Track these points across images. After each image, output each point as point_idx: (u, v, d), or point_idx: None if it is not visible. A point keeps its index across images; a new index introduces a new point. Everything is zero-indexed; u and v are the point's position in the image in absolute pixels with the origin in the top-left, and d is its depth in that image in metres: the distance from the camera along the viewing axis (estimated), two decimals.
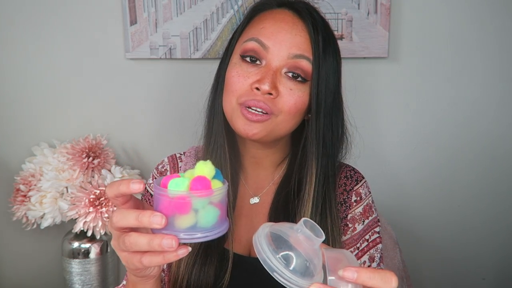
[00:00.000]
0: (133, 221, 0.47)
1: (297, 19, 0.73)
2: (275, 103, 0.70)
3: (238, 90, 0.71)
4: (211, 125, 0.80)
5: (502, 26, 1.26)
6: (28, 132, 1.28)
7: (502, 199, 1.35)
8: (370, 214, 0.81)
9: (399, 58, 1.27)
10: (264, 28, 0.72)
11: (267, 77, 0.69)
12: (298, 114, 0.73)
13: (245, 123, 0.71)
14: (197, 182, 0.47)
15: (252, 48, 0.71)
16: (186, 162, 0.86)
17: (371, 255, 0.79)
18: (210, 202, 0.48)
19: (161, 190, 0.47)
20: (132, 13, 1.22)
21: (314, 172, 0.74)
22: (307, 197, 0.74)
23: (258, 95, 0.69)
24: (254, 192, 0.83)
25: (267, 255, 0.47)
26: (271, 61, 0.71)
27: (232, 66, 0.74)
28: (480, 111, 1.31)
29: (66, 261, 1.18)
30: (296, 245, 0.47)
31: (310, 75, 0.72)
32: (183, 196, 0.47)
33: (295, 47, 0.70)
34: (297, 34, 0.71)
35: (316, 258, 0.48)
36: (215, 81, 0.81)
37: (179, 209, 0.47)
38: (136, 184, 0.47)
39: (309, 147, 0.75)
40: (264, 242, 0.47)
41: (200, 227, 0.48)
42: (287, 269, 0.46)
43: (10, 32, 1.24)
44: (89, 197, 1.10)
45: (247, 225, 0.80)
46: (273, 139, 0.75)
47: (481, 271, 1.39)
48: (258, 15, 0.76)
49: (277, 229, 0.49)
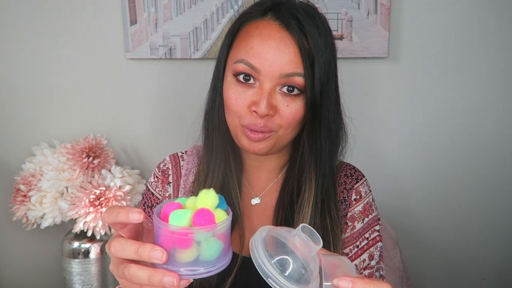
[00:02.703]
0: (133, 255, 0.46)
1: (284, 32, 0.70)
2: (274, 120, 0.71)
3: (238, 111, 0.72)
4: (209, 133, 0.80)
5: (503, 26, 1.26)
6: (28, 132, 1.28)
7: (502, 199, 1.35)
8: (370, 212, 0.81)
9: (399, 58, 1.27)
10: (252, 48, 0.70)
11: (263, 99, 0.69)
12: (297, 124, 0.74)
13: (249, 142, 0.72)
14: (200, 217, 0.45)
15: (243, 70, 0.70)
16: (188, 161, 0.86)
17: (371, 253, 0.79)
18: (213, 235, 0.46)
19: (163, 224, 0.46)
20: (132, 13, 1.22)
21: (313, 176, 0.75)
22: (307, 198, 0.75)
23: (258, 118, 0.70)
24: (255, 193, 0.83)
25: (262, 260, 0.46)
26: (263, 82, 0.70)
27: (228, 85, 0.73)
28: (480, 111, 1.31)
29: (66, 261, 1.18)
30: (293, 251, 0.47)
31: (304, 87, 0.71)
32: (185, 232, 0.45)
33: (286, 66, 0.69)
34: (285, 51, 0.69)
35: (312, 265, 0.47)
36: (212, 89, 0.80)
37: (181, 243, 0.45)
38: (136, 215, 0.46)
39: (307, 155, 0.76)
40: (260, 247, 0.47)
41: (203, 260, 0.46)
42: (282, 275, 0.45)
43: (10, 32, 1.24)
44: (89, 197, 1.10)
45: (247, 226, 0.80)
46: (277, 150, 0.77)
47: (481, 271, 1.39)
48: (244, 27, 0.74)
49: (275, 232, 0.49)
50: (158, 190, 0.85)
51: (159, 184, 0.85)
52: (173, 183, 0.84)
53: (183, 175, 0.84)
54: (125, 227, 0.50)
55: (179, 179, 0.84)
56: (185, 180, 0.83)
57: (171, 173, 0.85)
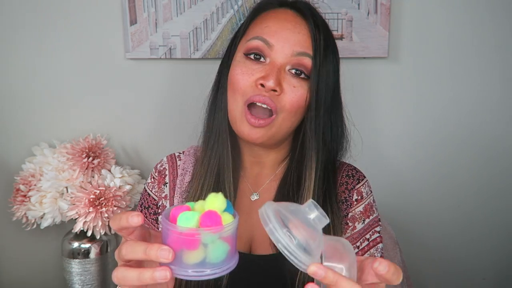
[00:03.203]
0: (141, 255, 0.48)
1: (299, 18, 0.75)
2: (279, 99, 0.72)
3: (243, 87, 0.73)
4: (211, 122, 0.80)
5: (502, 26, 1.26)
6: (28, 132, 1.28)
7: (502, 199, 1.35)
8: (371, 213, 0.81)
9: (399, 58, 1.27)
10: (268, 27, 0.74)
11: (272, 74, 0.71)
12: (299, 111, 0.74)
13: (249, 128, 0.72)
14: (207, 218, 0.47)
15: (257, 46, 0.73)
16: (185, 161, 0.86)
17: (371, 255, 0.79)
18: (220, 237, 0.47)
19: (170, 225, 0.47)
20: (132, 13, 1.22)
21: (313, 168, 0.75)
22: (307, 193, 0.75)
23: (263, 91, 0.71)
24: (254, 189, 0.83)
25: (274, 225, 0.47)
26: (275, 58, 0.72)
27: (236, 64, 0.75)
28: (479, 111, 1.31)
29: (66, 261, 1.18)
30: (302, 224, 0.48)
31: (311, 72, 0.73)
32: (192, 233, 0.46)
33: (298, 45, 0.72)
34: (299, 32, 0.73)
35: (318, 239, 0.48)
36: (216, 80, 0.82)
37: (188, 244, 0.46)
38: (135, 218, 0.48)
39: (308, 143, 0.76)
40: (271, 215, 0.48)
41: (209, 262, 0.47)
42: (292, 242, 0.46)
43: (10, 32, 1.23)
44: (89, 197, 1.10)
45: (247, 222, 0.80)
46: (275, 141, 0.77)
47: (481, 271, 1.39)
48: (260, 14, 0.78)
49: (284, 206, 0.50)
50: (154, 191, 0.85)
51: (156, 185, 0.85)
52: (170, 183, 0.85)
53: (179, 174, 0.84)
54: (131, 233, 0.51)
55: (176, 179, 0.84)
56: (181, 180, 0.83)
57: (167, 173, 0.85)
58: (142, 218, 0.48)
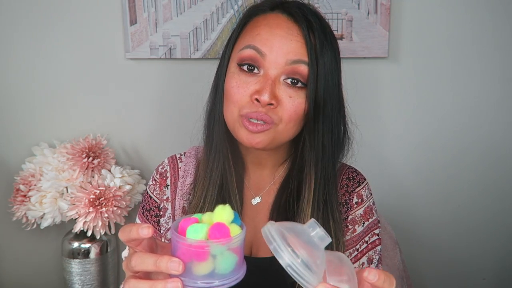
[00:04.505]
0: (152, 266, 0.48)
1: (291, 23, 0.71)
2: (275, 112, 0.70)
3: (238, 101, 0.71)
4: (211, 130, 0.79)
5: (502, 26, 1.26)
6: (28, 132, 1.28)
7: (502, 199, 1.35)
8: (370, 216, 0.81)
9: (399, 58, 1.27)
10: (260, 34, 0.71)
11: (266, 87, 0.68)
12: (299, 120, 0.72)
13: (248, 133, 0.70)
14: (216, 230, 0.48)
15: (249, 55, 0.70)
16: (186, 162, 0.86)
17: (370, 257, 0.79)
18: (228, 248, 0.48)
19: (180, 237, 0.48)
20: (132, 13, 1.22)
21: (313, 176, 0.74)
22: (307, 201, 0.74)
23: (259, 106, 0.69)
24: (255, 192, 0.82)
25: (279, 244, 0.47)
26: (268, 69, 0.70)
27: (231, 76, 0.73)
28: (480, 111, 1.31)
29: (66, 261, 1.19)
30: (305, 243, 0.48)
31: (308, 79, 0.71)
32: (202, 245, 0.47)
33: (292, 53, 0.69)
34: (292, 39, 0.70)
35: (321, 259, 0.48)
36: (214, 88, 0.80)
37: (197, 256, 0.47)
38: (145, 230, 0.49)
39: (308, 152, 0.74)
40: (275, 234, 0.48)
41: (218, 273, 0.48)
42: (297, 261, 0.47)
43: (10, 32, 1.23)
44: (89, 197, 1.10)
45: (249, 225, 0.80)
46: (276, 146, 0.75)
47: (481, 271, 1.39)
48: (252, 20, 0.75)
49: (286, 225, 0.50)
50: (156, 193, 0.85)
51: (157, 187, 0.85)
52: (171, 186, 0.84)
53: (181, 177, 0.84)
54: (139, 244, 0.52)
55: (177, 181, 0.84)
56: (183, 182, 0.83)
57: (169, 176, 0.85)
58: (153, 230, 0.49)
